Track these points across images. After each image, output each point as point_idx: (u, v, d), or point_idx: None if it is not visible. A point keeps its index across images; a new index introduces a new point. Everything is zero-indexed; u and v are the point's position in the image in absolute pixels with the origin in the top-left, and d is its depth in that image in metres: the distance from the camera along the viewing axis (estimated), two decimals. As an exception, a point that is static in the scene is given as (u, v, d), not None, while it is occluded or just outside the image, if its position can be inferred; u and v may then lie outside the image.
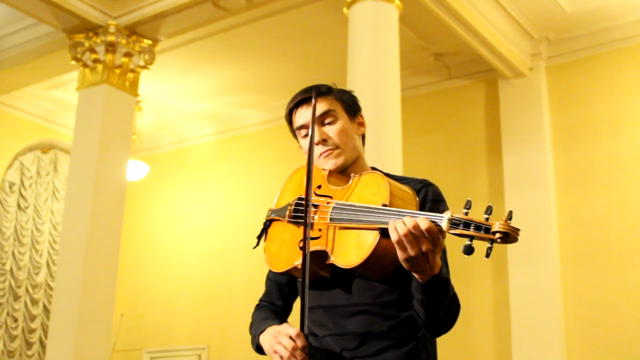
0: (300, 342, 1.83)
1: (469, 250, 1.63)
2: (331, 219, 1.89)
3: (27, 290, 8.93)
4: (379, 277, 1.89)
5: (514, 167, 7.09)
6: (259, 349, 2.04)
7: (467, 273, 7.18)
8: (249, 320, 2.22)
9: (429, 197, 2.05)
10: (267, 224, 2.13)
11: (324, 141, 2.09)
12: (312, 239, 1.90)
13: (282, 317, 2.19)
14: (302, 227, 1.93)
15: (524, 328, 6.66)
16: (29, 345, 8.75)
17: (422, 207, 1.96)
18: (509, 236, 1.62)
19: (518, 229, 1.63)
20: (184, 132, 9.79)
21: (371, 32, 5.43)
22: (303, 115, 2.14)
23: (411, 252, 1.69)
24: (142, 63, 6.81)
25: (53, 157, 9.33)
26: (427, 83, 7.94)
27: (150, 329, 9.32)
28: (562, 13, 6.78)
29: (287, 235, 2.04)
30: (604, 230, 6.69)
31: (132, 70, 6.74)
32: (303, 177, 2.06)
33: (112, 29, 6.54)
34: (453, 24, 6.29)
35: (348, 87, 5.27)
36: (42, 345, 8.64)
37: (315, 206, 1.95)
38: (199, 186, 9.51)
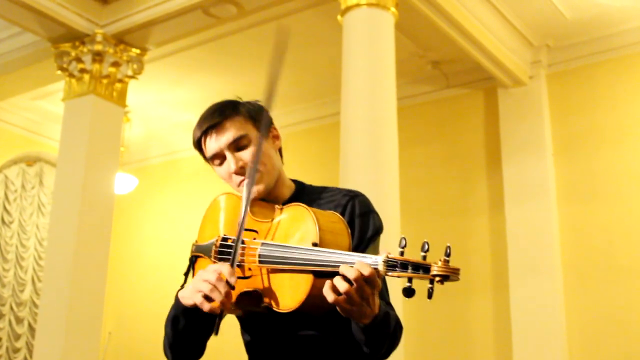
0: (226, 270, 1.73)
1: (408, 293, 1.56)
2: (260, 261, 1.80)
3: (11, 308, 8.89)
4: (320, 314, 1.80)
5: (514, 178, 7.10)
6: (175, 322, 1.90)
7: (467, 287, 7.18)
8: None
9: (357, 212, 1.98)
10: (194, 260, 2.05)
11: (241, 168, 2.00)
12: (243, 278, 1.82)
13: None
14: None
15: (526, 343, 6.65)
16: (14, 365, 8.71)
17: (350, 224, 1.89)
18: (449, 278, 1.57)
19: (458, 269, 1.57)
20: (174, 143, 9.78)
21: (366, 40, 5.44)
22: (214, 143, 2.04)
23: (354, 306, 1.63)
24: (130, 73, 6.81)
25: (38, 170, 9.32)
26: (425, 92, 7.95)
27: (139, 348, 9.28)
28: (563, 20, 6.81)
29: None
30: (607, 242, 6.70)
31: (120, 80, 6.73)
32: (226, 206, 2.02)
33: (99, 38, 6.54)
34: (450, 31, 6.31)
35: (343, 97, 5.32)
36: (27, 365, 8.60)
37: (243, 245, 1.85)
38: (190, 199, 9.50)
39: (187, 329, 1.90)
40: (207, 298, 1.73)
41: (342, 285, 1.60)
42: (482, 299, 7.19)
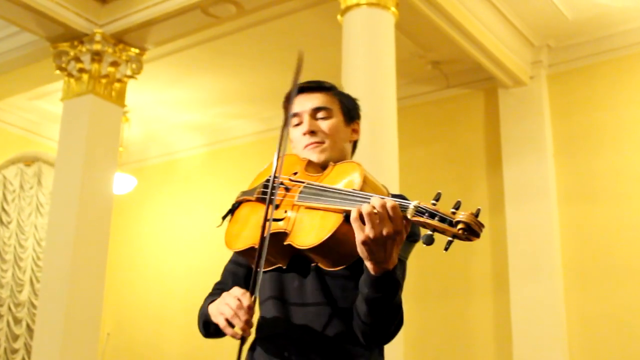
0: (245, 301, 1.84)
1: (429, 240, 1.63)
2: (298, 199, 1.91)
3: (9, 309, 8.89)
4: (332, 266, 1.87)
5: (514, 179, 7.10)
6: (206, 326, 2.07)
7: (467, 289, 7.18)
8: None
9: None
10: (236, 205, 2.14)
11: (312, 133, 2.13)
12: (275, 220, 1.90)
13: None
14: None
15: (526, 344, 6.65)
16: (12, 366, 8.70)
17: None
18: (472, 229, 1.61)
19: (482, 225, 1.63)
20: (172, 143, 9.79)
21: (366, 39, 5.43)
22: (300, 104, 2.18)
23: (371, 233, 1.67)
24: (129, 72, 6.81)
25: (37, 170, 9.32)
26: (425, 92, 7.95)
27: (138, 349, 9.28)
28: (564, 20, 6.81)
29: (253, 216, 2.04)
30: (608, 243, 6.70)
31: (119, 80, 6.73)
32: (284, 162, 2.08)
33: (98, 38, 6.54)
34: (451, 31, 6.31)
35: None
36: (26, 366, 8.60)
37: (287, 189, 1.97)
38: (189, 199, 9.50)
39: (217, 332, 2.00)
40: (229, 322, 1.87)
41: (366, 205, 1.68)
42: (482, 299, 7.19)
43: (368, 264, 1.75)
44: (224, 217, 2.16)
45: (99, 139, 6.52)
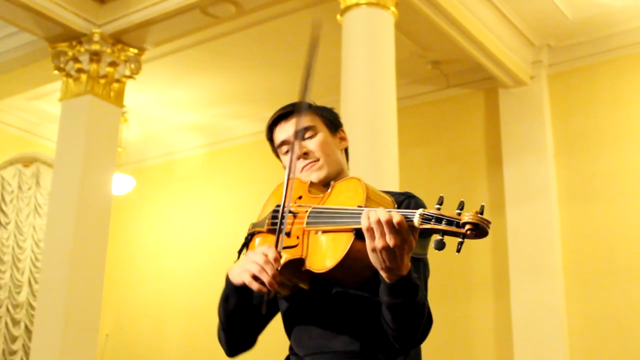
0: (271, 254, 1.87)
1: (440, 245, 1.66)
2: (307, 223, 1.93)
3: (8, 310, 8.89)
4: (353, 283, 1.90)
5: (514, 179, 7.10)
6: (226, 301, 2.06)
7: (467, 289, 7.18)
8: None
9: (412, 208, 2.05)
10: (249, 238, 2.17)
11: (305, 154, 2.16)
12: (289, 247, 1.94)
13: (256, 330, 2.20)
14: (281, 235, 1.97)
15: (527, 345, 6.65)
16: (10, 367, 8.70)
17: None
18: (479, 228, 1.64)
19: (489, 222, 1.66)
20: (171, 144, 9.78)
21: (366, 39, 5.43)
22: (283, 131, 2.23)
23: (378, 244, 1.71)
24: (127, 73, 6.81)
25: (35, 171, 9.31)
26: (425, 92, 7.95)
27: (137, 350, 9.28)
28: (564, 19, 6.81)
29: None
30: (609, 244, 6.70)
31: (118, 80, 6.73)
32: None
33: (96, 38, 6.54)
34: (451, 31, 6.31)
35: (342, 97, 5.31)
36: (24, 368, 8.60)
37: (294, 215, 1.99)
38: (188, 200, 9.50)
39: (238, 309, 2.05)
40: (255, 278, 1.89)
41: (373, 214, 1.71)
42: (482, 300, 7.19)
43: (382, 273, 1.78)
44: (239, 252, 2.19)
45: (97, 140, 6.52)
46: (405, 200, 2.09)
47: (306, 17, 6.68)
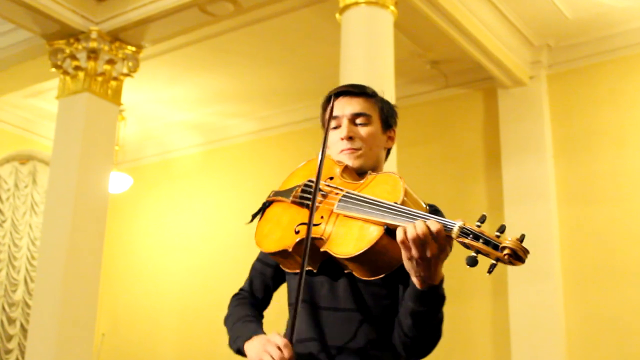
0: (287, 354, 1.84)
1: (472, 262, 1.65)
2: (337, 207, 1.92)
3: (3, 308, 8.88)
4: (368, 276, 1.89)
5: (513, 180, 7.10)
6: (239, 352, 2.06)
7: (465, 290, 7.18)
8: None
9: None
10: (267, 204, 2.15)
11: (350, 138, 2.14)
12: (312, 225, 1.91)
13: (259, 310, 2.23)
14: (303, 210, 1.97)
15: (525, 347, 6.65)
16: (6, 366, 8.69)
17: None
18: (517, 255, 1.65)
19: (527, 251, 1.67)
20: (169, 142, 9.78)
21: (365, 38, 5.43)
22: (340, 108, 2.18)
23: (415, 253, 1.71)
24: (125, 70, 6.80)
25: (32, 169, 9.30)
26: (423, 92, 7.95)
27: (133, 349, 9.27)
28: (564, 19, 6.81)
29: (285, 217, 2.06)
30: (608, 245, 6.70)
31: (115, 78, 6.73)
32: (315, 167, 2.09)
33: (94, 35, 6.53)
34: (450, 30, 6.31)
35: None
36: (19, 367, 8.59)
37: (324, 195, 1.98)
38: (185, 199, 9.49)
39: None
40: None
41: (411, 230, 1.70)
42: (480, 301, 7.19)
43: (414, 279, 1.78)
44: (254, 215, 2.18)
45: (94, 138, 6.51)
46: (432, 213, 2.06)
47: (305, 16, 6.68)
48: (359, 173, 2.11)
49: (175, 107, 8.83)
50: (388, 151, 2.28)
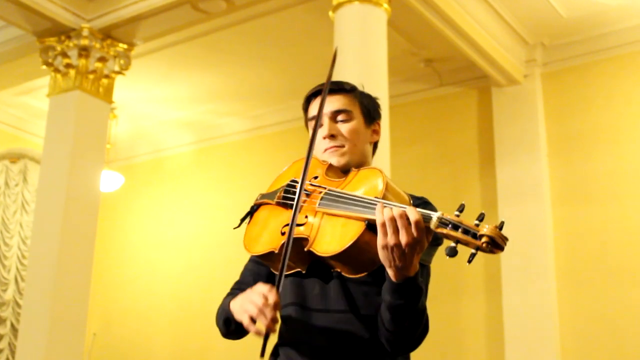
0: (271, 298, 1.82)
1: (452, 252, 1.66)
2: (320, 204, 1.92)
3: (-6, 308, 8.85)
4: (353, 273, 1.89)
5: (507, 179, 7.11)
6: (227, 323, 2.05)
7: (458, 290, 7.19)
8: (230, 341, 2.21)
9: None
10: (255, 208, 2.15)
11: (332, 136, 2.12)
12: (297, 225, 1.91)
13: None
14: (289, 211, 1.96)
15: (518, 346, 6.66)
16: (-4, 366, 8.67)
17: None
18: (495, 243, 1.63)
19: (506, 238, 1.64)
20: (161, 141, 9.77)
21: (358, 36, 5.43)
22: (317, 107, 2.13)
23: (391, 240, 1.70)
24: (117, 68, 6.79)
25: (22, 167, 9.28)
26: (417, 90, 7.96)
27: (124, 349, 9.26)
28: (558, 18, 6.82)
29: (272, 219, 2.06)
30: (602, 245, 6.72)
31: (107, 76, 6.71)
32: (301, 167, 2.09)
33: (85, 33, 6.51)
34: (444, 28, 6.31)
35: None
36: (10, 367, 8.57)
37: (308, 194, 1.98)
38: (177, 198, 9.48)
39: (238, 330, 2.03)
40: (253, 319, 1.84)
41: (388, 211, 1.70)
42: (474, 301, 7.20)
43: (389, 271, 1.77)
44: (242, 220, 2.17)
45: (85, 136, 6.50)
46: (420, 205, 2.03)
47: (298, 14, 6.68)
48: (345, 171, 2.10)
49: (167, 106, 8.82)
50: (375, 145, 2.27)
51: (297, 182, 1.99)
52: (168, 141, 9.71)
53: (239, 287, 2.22)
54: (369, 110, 2.22)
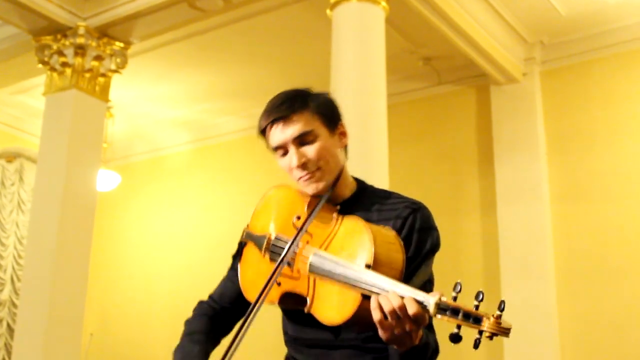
0: None
1: (456, 339, 1.60)
2: (310, 270, 1.84)
3: (-10, 308, 8.84)
4: (363, 331, 1.87)
5: (506, 177, 7.11)
6: None
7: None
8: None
9: (417, 226, 1.98)
10: (243, 245, 2.10)
11: (303, 165, 1.98)
12: (290, 277, 1.90)
13: (228, 321, 2.19)
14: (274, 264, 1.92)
15: (518, 346, 6.66)
16: (-8, 367, 8.66)
17: (408, 238, 1.93)
18: (498, 335, 1.59)
19: (509, 329, 1.59)
20: (158, 140, 9.76)
21: (356, 34, 5.42)
22: (279, 135, 2.01)
23: (395, 331, 1.67)
24: (113, 67, 6.78)
25: (18, 167, 9.27)
26: (416, 89, 7.95)
27: (122, 349, 9.25)
28: (557, 16, 6.82)
29: (264, 266, 2.00)
30: (601, 243, 6.72)
31: (103, 75, 6.70)
32: (282, 200, 2.06)
33: (81, 31, 6.50)
34: (443, 26, 6.31)
35: (332, 93, 5.28)
36: (6, 367, 8.56)
37: (294, 251, 1.92)
38: (174, 197, 9.47)
39: None
40: None
41: (386, 304, 1.64)
42: (473, 300, 7.18)
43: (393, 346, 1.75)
44: (234, 257, 2.16)
45: (82, 135, 6.49)
46: (411, 215, 1.98)
47: (295, 12, 6.67)
48: (327, 199, 2.02)
49: (164, 104, 8.81)
50: (346, 147, 2.12)
51: (281, 239, 1.97)
52: (165, 140, 9.70)
53: (216, 301, 2.22)
54: (329, 117, 2.05)
